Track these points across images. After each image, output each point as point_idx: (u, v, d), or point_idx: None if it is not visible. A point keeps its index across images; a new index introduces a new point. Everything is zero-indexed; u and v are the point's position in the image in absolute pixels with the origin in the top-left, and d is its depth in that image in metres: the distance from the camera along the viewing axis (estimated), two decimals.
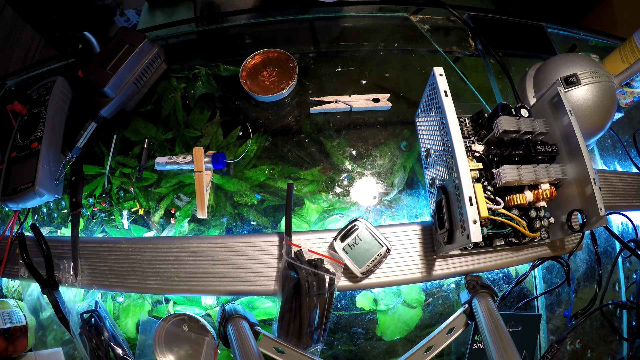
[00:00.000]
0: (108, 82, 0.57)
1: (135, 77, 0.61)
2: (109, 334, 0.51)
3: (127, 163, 0.62)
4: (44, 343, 0.56)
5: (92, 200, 0.60)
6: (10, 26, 1.92)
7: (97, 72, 0.57)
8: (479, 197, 0.42)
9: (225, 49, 0.74)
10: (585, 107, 0.56)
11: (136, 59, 0.60)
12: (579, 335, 0.58)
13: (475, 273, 0.52)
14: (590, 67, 0.57)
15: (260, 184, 0.59)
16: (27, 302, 0.57)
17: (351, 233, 0.48)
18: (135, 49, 0.59)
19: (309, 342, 0.47)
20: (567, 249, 0.53)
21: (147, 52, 0.61)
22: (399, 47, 0.71)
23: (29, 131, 0.59)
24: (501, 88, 0.67)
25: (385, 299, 0.55)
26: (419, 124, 0.57)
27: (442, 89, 0.44)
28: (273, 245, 0.51)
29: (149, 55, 0.62)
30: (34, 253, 0.53)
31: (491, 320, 0.42)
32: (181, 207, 0.59)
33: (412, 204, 0.58)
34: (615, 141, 0.70)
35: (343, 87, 0.65)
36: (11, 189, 0.55)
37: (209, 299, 0.56)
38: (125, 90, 0.60)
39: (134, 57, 0.59)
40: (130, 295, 0.56)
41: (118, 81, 0.58)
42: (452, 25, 0.75)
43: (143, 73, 0.62)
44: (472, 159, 0.48)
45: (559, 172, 0.46)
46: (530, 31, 0.76)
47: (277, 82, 0.63)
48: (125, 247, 0.53)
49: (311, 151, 0.61)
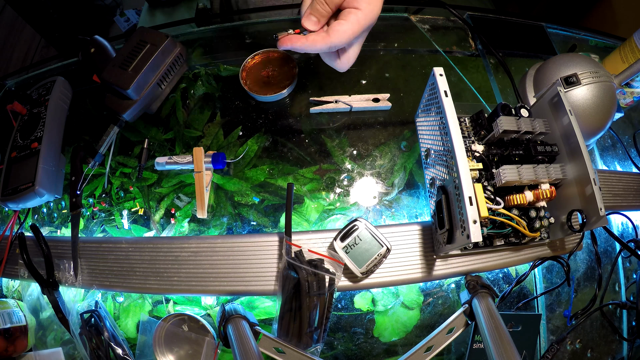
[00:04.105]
0: (131, 84, 0.55)
1: (159, 78, 0.59)
2: (109, 334, 0.51)
3: (127, 163, 0.62)
4: (44, 343, 0.56)
5: (92, 200, 0.60)
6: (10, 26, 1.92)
7: (119, 74, 0.56)
8: (479, 197, 0.42)
9: (225, 49, 0.74)
10: (585, 107, 0.56)
11: (159, 59, 0.58)
12: (579, 335, 0.58)
13: (475, 273, 0.52)
14: (590, 67, 0.57)
15: (260, 184, 0.59)
16: (27, 302, 0.57)
17: (351, 233, 0.48)
18: (158, 49, 0.57)
19: (309, 342, 0.47)
20: (567, 249, 0.53)
21: (169, 51, 0.60)
22: (399, 47, 0.71)
23: (29, 131, 0.59)
24: (501, 88, 0.67)
25: (384, 299, 0.55)
26: (419, 124, 0.57)
27: (442, 89, 0.44)
28: (273, 245, 0.51)
29: (172, 55, 0.60)
30: (34, 253, 0.53)
31: (491, 320, 0.42)
32: (181, 207, 0.59)
33: (412, 204, 0.58)
34: (615, 141, 0.70)
35: (343, 87, 0.65)
36: (11, 189, 0.55)
37: (209, 299, 0.56)
38: (149, 92, 0.59)
39: (157, 57, 0.57)
40: (130, 295, 0.56)
41: (141, 82, 0.57)
42: (452, 25, 0.75)
43: (166, 74, 0.61)
44: (472, 159, 0.48)
45: (559, 172, 0.46)
46: (530, 31, 0.76)
47: (277, 82, 0.63)
48: (125, 247, 0.53)
49: (311, 151, 0.61)
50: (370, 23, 0.44)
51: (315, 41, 0.42)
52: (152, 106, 0.62)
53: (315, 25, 0.43)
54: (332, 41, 0.42)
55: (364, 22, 0.43)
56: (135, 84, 0.55)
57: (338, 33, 0.42)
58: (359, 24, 0.42)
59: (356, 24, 0.42)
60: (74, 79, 0.67)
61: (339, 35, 0.42)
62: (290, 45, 0.43)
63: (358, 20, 0.42)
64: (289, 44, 0.43)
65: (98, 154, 0.58)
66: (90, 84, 0.63)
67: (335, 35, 0.42)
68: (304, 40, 0.43)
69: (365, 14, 0.42)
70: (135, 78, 0.55)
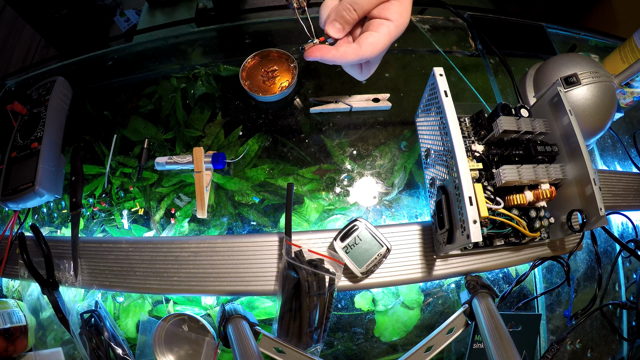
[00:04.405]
0: None
1: None
2: (109, 334, 0.51)
3: (128, 163, 0.62)
4: (44, 343, 0.56)
5: (92, 200, 0.60)
6: (10, 26, 1.92)
7: None
8: (479, 197, 0.42)
9: (225, 49, 0.74)
10: (585, 107, 0.56)
11: None
12: (579, 335, 0.58)
13: (475, 273, 0.52)
14: (590, 67, 0.57)
15: (260, 183, 0.59)
16: (27, 302, 0.57)
17: (351, 233, 0.48)
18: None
19: (309, 342, 0.47)
20: (567, 249, 0.53)
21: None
22: (399, 47, 0.71)
23: (29, 131, 0.59)
24: (501, 88, 0.67)
25: (384, 299, 0.55)
26: (419, 124, 0.57)
27: (442, 89, 0.44)
28: (273, 245, 0.51)
29: None
30: (34, 253, 0.53)
31: (491, 320, 0.42)
32: (181, 207, 0.59)
33: (412, 204, 0.58)
34: (615, 141, 0.70)
35: (343, 87, 0.65)
36: (11, 189, 0.55)
37: (209, 299, 0.56)
38: None
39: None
40: (130, 295, 0.56)
41: None
42: (452, 25, 0.75)
43: None
44: (472, 159, 0.48)
45: (559, 172, 0.46)
46: (530, 31, 0.76)
47: (277, 82, 0.63)
48: (125, 247, 0.53)
49: (311, 151, 0.61)
50: (399, 34, 0.41)
51: (346, 53, 0.40)
52: None
53: (339, 32, 0.41)
54: (364, 54, 0.40)
55: (395, 34, 0.40)
56: None
57: (371, 46, 0.40)
58: (390, 36, 0.40)
59: (387, 36, 0.40)
60: (74, 79, 0.67)
61: (372, 47, 0.40)
62: (320, 57, 0.40)
63: (389, 32, 0.40)
64: (319, 55, 0.40)
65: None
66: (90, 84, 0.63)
67: (368, 48, 0.40)
68: (335, 52, 0.40)
69: (397, 26, 0.40)
70: None
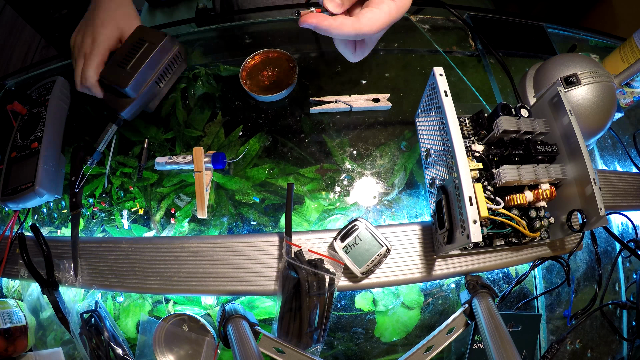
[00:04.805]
0: (129, 82, 0.55)
1: (157, 76, 0.59)
2: (109, 334, 0.51)
3: (128, 163, 0.62)
4: (44, 343, 0.56)
5: (92, 200, 0.60)
6: (10, 26, 1.92)
7: (117, 73, 0.56)
8: (479, 197, 0.42)
9: (225, 49, 0.74)
10: (585, 107, 0.56)
11: (157, 58, 0.58)
12: (579, 335, 0.58)
13: (475, 273, 0.52)
14: (590, 67, 0.57)
15: (260, 183, 0.59)
16: (27, 302, 0.57)
17: (351, 233, 0.48)
18: (156, 47, 0.57)
19: (309, 342, 0.47)
20: (567, 249, 0.53)
21: (168, 50, 0.60)
22: (399, 47, 0.71)
23: (29, 131, 0.59)
24: (501, 88, 0.67)
25: (384, 299, 0.55)
26: (419, 124, 0.57)
27: (442, 89, 0.44)
28: (273, 245, 0.51)
29: (170, 54, 0.60)
30: (34, 253, 0.53)
31: (491, 320, 0.42)
32: (181, 207, 0.59)
33: (412, 204, 0.58)
34: (615, 141, 0.70)
35: (343, 87, 0.65)
36: (11, 189, 0.55)
37: (209, 299, 0.56)
38: (147, 90, 0.59)
39: (155, 55, 0.57)
40: (130, 295, 0.56)
41: (139, 81, 0.57)
42: (452, 25, 0.75)
43: (165, 72, 0.61)
44: (472, 159, 0.48)
45: (559, 172, 0.46)
46: (530, 31, 0.76)
47: (277, 82, 0.63)
48: (125, 247, 0.53)
49: (311, 151, 0.61)
50: (399, 16, 0.40)
51: (343, 25, 0.38)
52: (150, 104, 0.62)
53: (338, 7, 0.39)
54: (362, 29, 0.38)
55: (396, 14, 0.39)
56: (133, 82, 0.55)
57: (370, 21, 0.38)
58: (390, 16, 0.39)
59: (387, 14, 0.38)
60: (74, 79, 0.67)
61: (370, 23, 0.38)
62: (315, 24, 0.38)
63: (390, 11, 0.38)
64: (314, 21, 0.38)
65: (96, 152, 0.58)
66: None
67: (367, 23, 0.38)
68: (331, 22, 0.37)
69: (398, 6, 0.39)
70: (134, 76, 0.55)
